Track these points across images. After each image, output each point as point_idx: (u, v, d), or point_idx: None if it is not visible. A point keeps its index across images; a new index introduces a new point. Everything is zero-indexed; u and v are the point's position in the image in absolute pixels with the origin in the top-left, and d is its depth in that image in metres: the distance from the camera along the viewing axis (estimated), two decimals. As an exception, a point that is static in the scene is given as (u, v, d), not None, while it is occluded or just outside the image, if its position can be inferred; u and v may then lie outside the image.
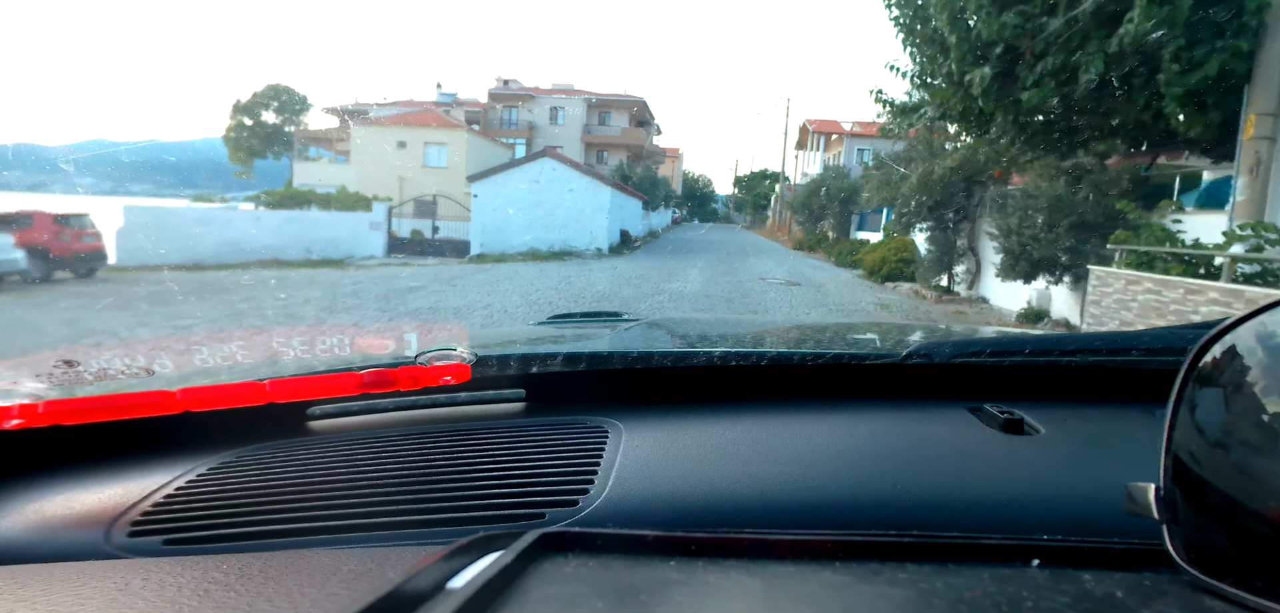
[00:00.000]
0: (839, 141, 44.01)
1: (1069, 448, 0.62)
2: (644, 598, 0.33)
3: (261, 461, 0.64)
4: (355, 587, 0.41)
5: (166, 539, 0.53)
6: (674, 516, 0.53)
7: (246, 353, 1.01)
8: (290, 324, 8.23)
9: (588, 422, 0.69)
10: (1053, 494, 0.54)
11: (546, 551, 0.38)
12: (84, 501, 0.58)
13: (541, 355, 0.77)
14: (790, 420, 0.68)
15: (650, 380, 0.80)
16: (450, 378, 0.67)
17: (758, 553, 0.38)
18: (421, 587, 0.32)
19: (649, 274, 13.80)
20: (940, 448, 0.61)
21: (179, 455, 0.65)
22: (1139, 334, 0.81)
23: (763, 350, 0.83)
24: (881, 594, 0.34)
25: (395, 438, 0.67)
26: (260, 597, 0.40)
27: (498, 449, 0.63)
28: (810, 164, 41.98)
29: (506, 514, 0.54)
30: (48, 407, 0.58)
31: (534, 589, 0.34)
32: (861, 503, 0.53)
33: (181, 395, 0.60)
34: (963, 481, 0.56)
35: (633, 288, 11.57)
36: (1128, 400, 0.72)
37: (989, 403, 0.70)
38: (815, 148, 43.93)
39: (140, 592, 0.42)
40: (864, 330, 1.13)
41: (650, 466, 0.59)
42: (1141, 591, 0.35)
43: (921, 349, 0.77)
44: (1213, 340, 0.37)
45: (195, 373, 0.85)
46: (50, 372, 0.77)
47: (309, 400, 0.72)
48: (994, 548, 0.39)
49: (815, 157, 44.02)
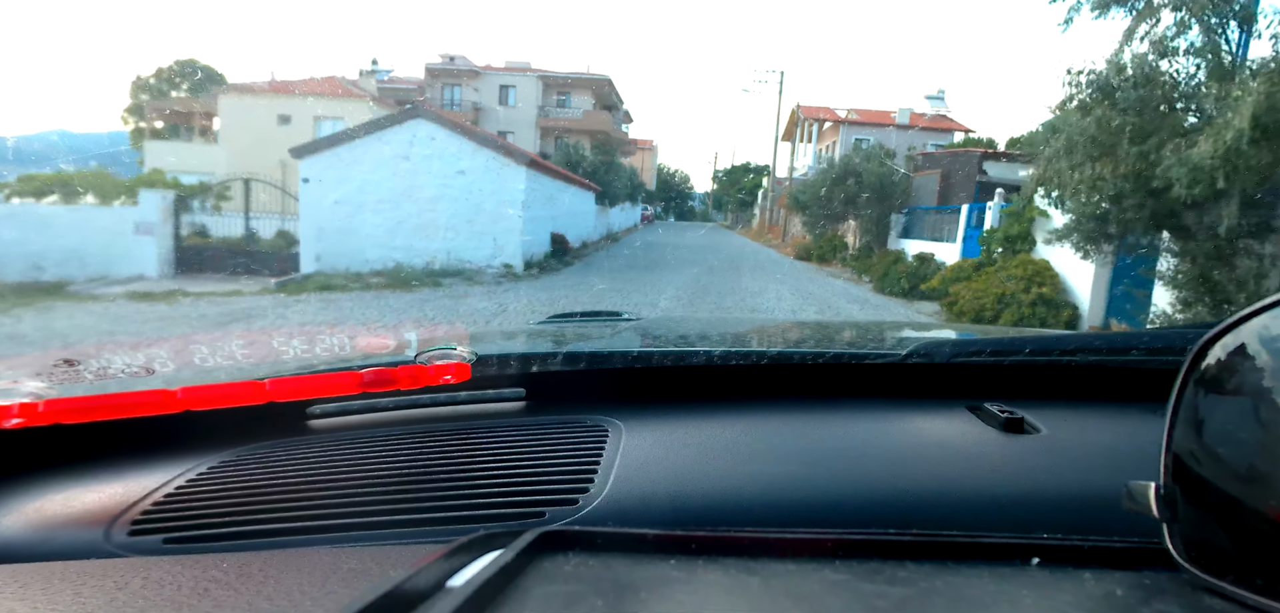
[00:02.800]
0: (834, 130, 38.56)
1: (1069, 447, 0.62)
2: (644, 597, 0.33)
3: (262, 459, 0.63)
4: (355, 585, 0.41)
5: (166, 538, 0.53)
6: (674, 514, 0.53)
7: (247, 353, 1.02)
8: None
9: (588, 421, 0.69)
10: (1053, 493, 0.54)
11: (546, 549, 0.38)
12: (84, 499, 0.58)
13: (542, 354, 0.78)
14: (790, 419, 0.68)
15: (650, 379, 0.80)
16: (451, 377, 0.66)
17: (758, 552, 0.39)
18: (421, 585, 0.32)
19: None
20: (940, 447, 0.62)
21: (179, 454, 0.65)
22: (1139, 334, 0.85)
23: (763, 349, 0.83)
24: (881, 593, 0.34)
25: (395, 437, 0.67)
26: (260, 595, 0.40)
27: (498, 448, 0.63)
28: (800, 157, 35.59)
29: (506, 513, 0.54)
30: (48, 406, 0.57)
31: (534, 588, 0.34)
32: (861, 502, 0.54)
33: (182, 394, 0.59)
34: (963, 480, 0.56)
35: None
36: (1128, 400, 0.71)
37: (989, 402, 0.69)
38: (806, 138, 37.83)
39: (140, 591, 0.42)
40: (864, 329, 1.15)
41: (650, 464, 0.59)
42: (1142, 589, 0.35)
43: (922, 348, 0.77)
44: (1213, 340, 0.37)
45: (195, 372, 0.86)
46: (50, 371, 0.77)
47: (309, 399, 0.72)
48: (994, 547, 0.39)
49: (807, 148, 38.13)
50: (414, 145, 11.63)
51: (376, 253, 11.73)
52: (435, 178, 11.70)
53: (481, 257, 11.91)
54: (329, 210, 11.57)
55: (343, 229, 11.61)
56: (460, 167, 11.75)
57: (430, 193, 11.72)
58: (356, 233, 11.66)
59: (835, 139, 37.65)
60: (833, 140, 38.17)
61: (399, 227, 11.73)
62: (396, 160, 11.63)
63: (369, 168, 11.59)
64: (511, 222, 11.93)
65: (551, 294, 10.12)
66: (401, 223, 11.73)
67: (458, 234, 11.86)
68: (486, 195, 11.85)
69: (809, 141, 38.66)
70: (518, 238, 11.95)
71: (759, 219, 39.37)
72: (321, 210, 11.57)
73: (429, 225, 11.77)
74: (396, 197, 11.66)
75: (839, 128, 37.42)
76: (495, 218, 11.88)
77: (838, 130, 37.41)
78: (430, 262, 11.89)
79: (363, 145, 11.57)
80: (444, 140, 11.68)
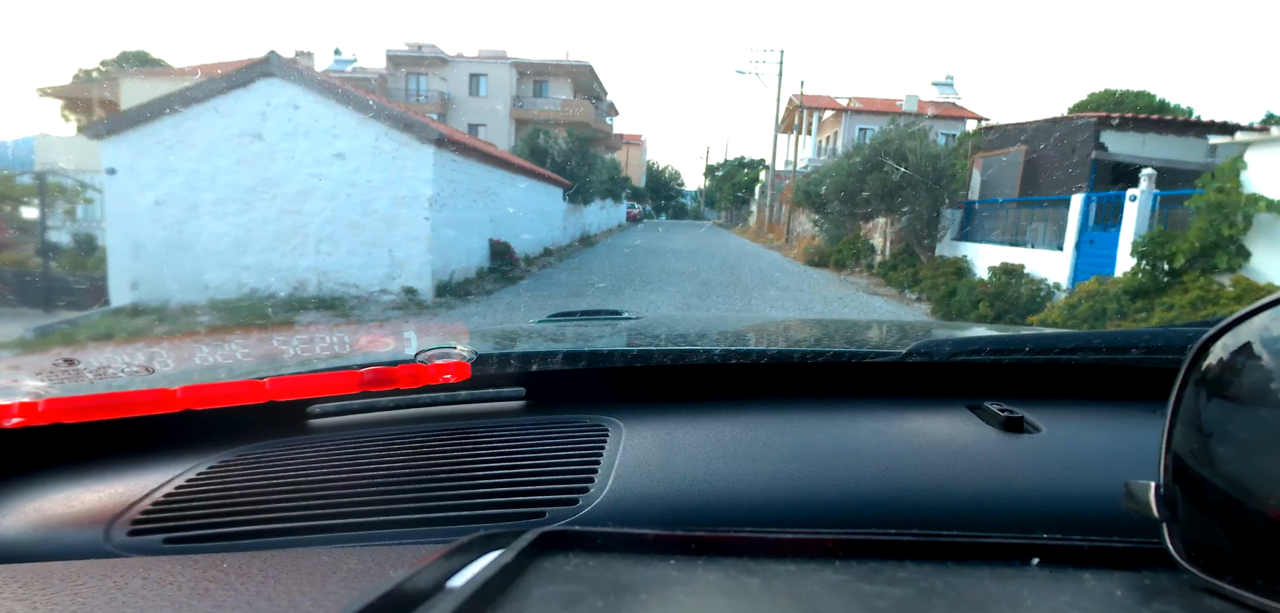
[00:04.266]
0: (835, 120, 35.41)
1: (1069, 447, 0.61)
2: (644, 597, 0.33)
3: (262, 459, 0.63)
4: (355, 585, 0.41)
5: (167, 538, 0.53)
6: (674, 514, 0.53)
7: (247, 352, 1.02)
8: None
9: (588, 420, 0.68)
10: (1053, 493, 0.54)
11: (546, 549, 0.38)
12: (84, 499, 0.58)
13: (542, 354, 0.76)
14: (790, 419, 0.68)
15: (650, 378, 0.79)
16: (450, 376, 0.65)
17: (758, 552, 0.39)
18: (421, 585, 0.32)
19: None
20: (940, 446, 0.61)
21: (179, 454, 0.64)
22: (1139, 332, 0.80)
23: (763, 348, 0.82)
24: (881, 593, 0.34)
25: (395, 436, 0.66)
26: (260, 595, 0.40)
27: (498, 448, 0.63)
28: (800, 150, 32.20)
29: (506, 513, 0.54)
30: (48, 405, 0.57)
31: (534, 588, 0.34)
32: (862, 501, 0.54)
33: (182, 394, 0.59)
34: (963, 479, 0.56)
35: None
36: (1128, 399, 0.71)
37: (989, 401, 0.69)
38: (806, 129, 34.57)
39: (140, 591, 0.42)
40: (864, 328, 1.13)
41: (650, 464, 0.59)
42: (1141, 590, 0.35)
43: (922, 347, 0.77)
44: (1213, 339, 0.37)
45: (195, 371, 0.85)
46: (50, 370, 0.76)
47: (309, 399, 0.71)
48: (994, 547, 0.39)
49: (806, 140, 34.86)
50: (268, 117, 7.93)
51: (220, 275, 8.06)
52: (302, 164, 8.01)
53: (373, 277, 8.24)
54: (147, 215, 7.89)
55: (170, 242, 7.93)
56: (338, 148, 8.05)
57: (295, 186, 8.04)
58: (190, 247, 7.98)
59: (836, 129, 34.53)
60: (834, 130, 35.03)
61: (251, 237, 8.05)
62: (244, 140, 7.94)
63: (202, 152, 7.89)
64: (415, 226, 8.23)
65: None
66: (255, 231, 8.05)
67: (337, 245, 8.18)
68: (378, 189, 8.16)
69: (808, 133, 35.34)
70: (425, 249, 8.26)
71: (757, 217, 35.78)
72: (137, 216, 7.87)
73: (295, 234, 8.09)
74: (246, 193, 7.98)
75: (841, 117, 34.34)
76: (391, 221, 8.20)
77: (840, 120, 34.32)
78: (299, 287, 8.22)
79: (192, 119, 7.87)
80: (313, 109, 7.96)
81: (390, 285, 8.22)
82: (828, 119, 35.87)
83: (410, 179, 8.15)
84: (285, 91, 7.96)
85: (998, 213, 10.63)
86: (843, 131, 33.78)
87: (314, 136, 8.00)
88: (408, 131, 8.11)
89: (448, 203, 8.70)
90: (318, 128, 7.97)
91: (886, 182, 11.11)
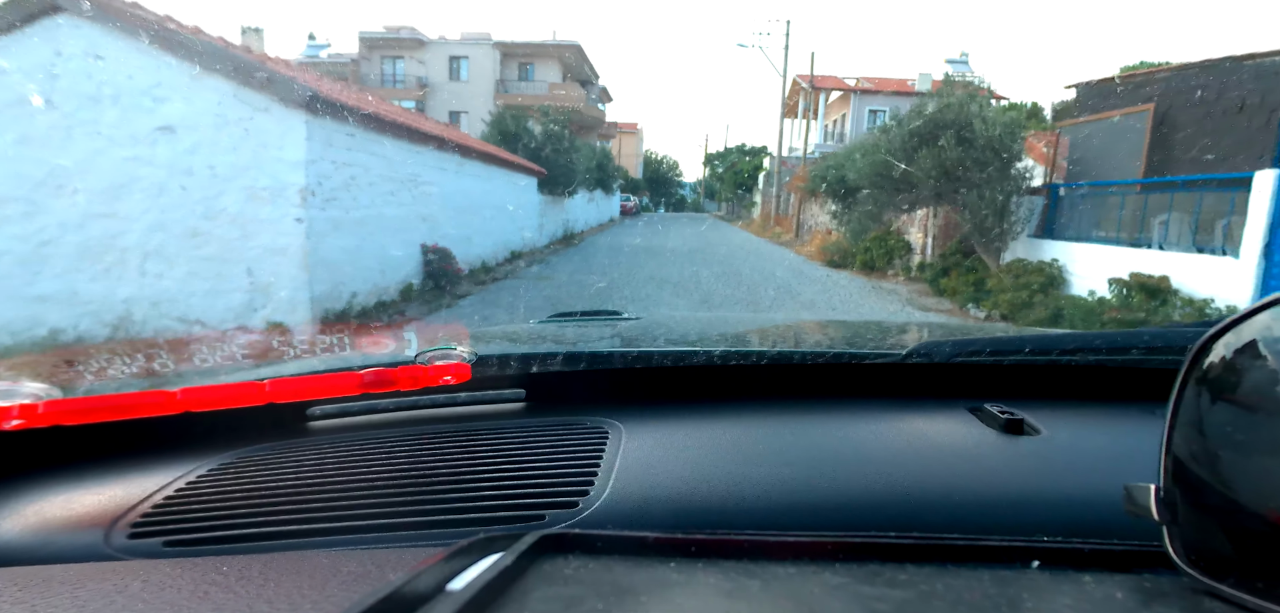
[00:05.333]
0: (843, 101, 32.88)
1: (1069, 448, 0.62)
2: (644, 600, 0.33)
3: (261, 461, 0.63)
4: (355, 588, 0.41)
5: (166, 541, 0.53)
6: (674, 516, 0.53)
7: (247, 352, 1.58)
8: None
9: (588, 422, 0.68)
10: (1053, 495, 0.54)
11: (546, 552, 0.38)
12: (84, 501, 0.58)
13: (542, 355, 0.77)
14: (790, 420, 0.68)
15: (650, 380, 0.79)
16: (450, 378, 0.65)
17: (758, 554, 0.39)
18: (421, 588, 0.32)
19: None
20: (940, 448, 0.61)
21: (179, 456, 0.64)
22: (1139, 333, 0.80)
23: (763, 350, 0.82)
24: (882, 596, 0.34)
25: (395, 438, 0.66)
26: (260, 598, 0.40)
27: (498, 450, 0.63)
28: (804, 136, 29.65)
29: (507, 515, 0.54)
30: (48, 407, 0.56)
31: (534, 591, 0.34)
32: (862, 504, 0.54)
33: (182, 395, 0.59)
34: (963, 481, 0.56)
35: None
36: (1128, 400, 0.71)
37: (989, 402, 0.69)
38: (811, 113, 32.00)
39: (140, 594, 0.42)
40: (864, 329, 1.12)
41: (650, 466, 0.59)
42: (1142, 592, 0.35)
43: (922, 349, 0.77)
44: (1212, 339, 0.37)
45: (195, 373, 0.85)
46: (50, 371, 0.53)
47: (309, 400, 0.71)
48: (994, 550, 0.39)
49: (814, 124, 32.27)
50: (60, 75, 5.34)
51: (7, 309, 5.51)
52: (113, 143, 5.42)
53: (226, 308, 5.66)
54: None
55: (-75, 260, 5.38)
56: (164, 117, 5.44)
57: (104, 177, 5.45)
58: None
59: (844, 111, 31.88)
60: (841, 113, 32.39)
61: (44, 253, 5.48)
62: (22, 110, 5.36)
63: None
64: (282, 232, 5.65)
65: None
66: (51, 243, 5.48)
67: (171, 263, 5.60)
68: (225, 179, 5.56)
69: (815, 116, 32.70)
70: (297, 266, 5.67)
71: (762, 209, 33.12)
72: None
73: (107, 247, 5.51)
74: (32, 189, 5.40)
75: (849, 99, 31.74)
76: (247, 225, 5.61)
77: (848, 101, 31.77)
78: (120, 323, 5.66)
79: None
80: (123, 60, 5.34)
81: (249, 320, 5.64)
82: (834, 102, 33.28)
83: (272, 162, 5.56)
84: (86, 33, 5.36)
85: (1107, 199, 7.84)
86: (851, 114, 31.20)
87: (128, 102, 5.40)
88: (266, 91, 5.48)
89: (337, 196, 6.11)
90: (132, 88, 5.37)
91: (942, 161, 8.50)
